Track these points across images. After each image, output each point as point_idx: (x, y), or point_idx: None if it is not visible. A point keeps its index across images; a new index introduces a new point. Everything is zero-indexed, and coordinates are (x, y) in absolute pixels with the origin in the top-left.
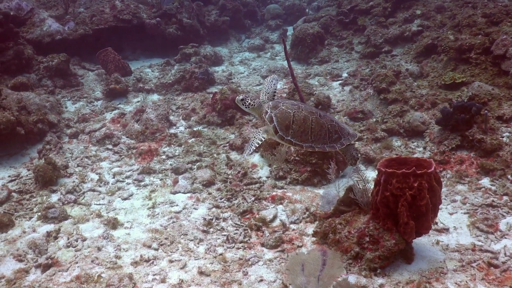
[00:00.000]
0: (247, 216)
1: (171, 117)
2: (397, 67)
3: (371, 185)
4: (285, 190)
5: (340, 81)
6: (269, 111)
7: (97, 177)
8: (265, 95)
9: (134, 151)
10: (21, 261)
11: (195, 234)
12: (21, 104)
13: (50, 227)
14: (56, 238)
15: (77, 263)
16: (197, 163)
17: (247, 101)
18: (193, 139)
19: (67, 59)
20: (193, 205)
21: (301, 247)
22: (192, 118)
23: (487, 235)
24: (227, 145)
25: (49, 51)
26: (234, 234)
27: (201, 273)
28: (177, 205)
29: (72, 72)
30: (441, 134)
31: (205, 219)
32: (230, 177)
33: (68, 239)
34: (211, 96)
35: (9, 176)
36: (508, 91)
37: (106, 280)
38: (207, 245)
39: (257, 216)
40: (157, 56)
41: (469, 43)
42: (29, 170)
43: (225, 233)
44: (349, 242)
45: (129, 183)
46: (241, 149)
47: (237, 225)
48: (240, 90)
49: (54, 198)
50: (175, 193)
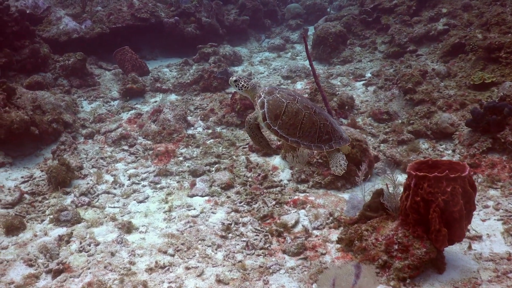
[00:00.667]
0: (268, 221)
1: (189, 118)
2: (423, 67)
3: (398, 189)
4: (307, 194)
5: (363, 82)
6: (262, 95)
7: (112, 179)
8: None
9: (150, 152)
10: (31, 266)
11: (213, 239)
12: (36, 103)
13: (62, 230)
14: (68, 242)
15: (89, 269)
16: (216, 165)
17: (241, 83)
18: (211, 140)
19: (84, 58)
20: (211, 209)
21: (324, 254)
22: (210, 118)
23: None
24: (247, 146)
25: (66, 50)
26: (254, 240)
27: (219, 281)
28: (194, 209)
29: (88, 71)
30: (471, 136)
31: (223, 224)
32: (249, 180)
33: (80, 243)
34: (230, 96)
35: (22, 177)
36: None
37: (119, 287)
38: (225, 251)
39: (278, 221)
40: (175, 55)
41: (498, 41)
42: (42, 171)
43: (244, 239)
44: (376, 250)
45: (145, 186)
46: (261, 151)
47: (257, 231)
48: None
49: (67, 200)
50: (192, 196)
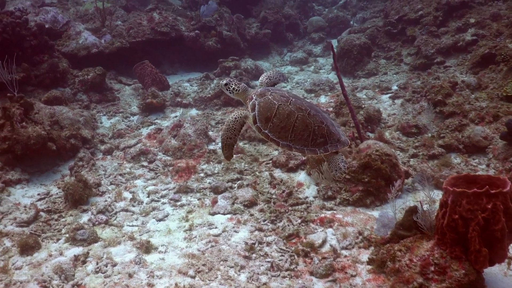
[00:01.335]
0: (294, 240)
1: (210, 133)
2: (452, 78)
3: (433, 206)
4: (334, 211)
5: (390, 94)
6: (254, 97)
7: (130, 196)
8: (266, 78)
9: (170, 168)
10: (45, 287)
11: (236, 260)
12: (54, 118)
13: (78, 250)
14: (84, 262)
15: None
16: (238, 182)
17: (231, 86)
18: (234, 156)
19: (103, 73)
20: (233, 227)
21: (355, 276)
22: None
23: None
24: (270, 162)
25: (85, 64)
26: (279, 260)
27: None
28: (216, 228)
29: (108, 86)
30: (507, 149)
31: (246, 244)
32: (274, 197)
33: (97, 264)
34: None
35: (39, 194)
36: None
37: None
38: (249, 272)
39: (304, 240)
40: (195, 70)
41: None
42: (59, 188)
43: (269, 260)
44: (410, 271)
45: (165, 203)
46: (285, 167)
47: (282, 251)
48: None
49: (84, 218)
50: (214, 214)
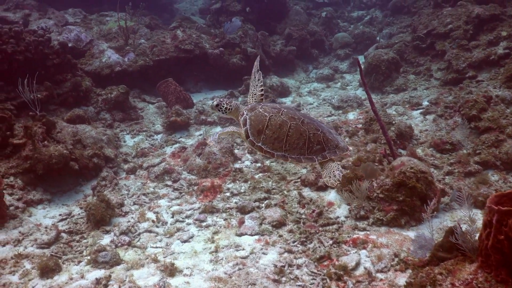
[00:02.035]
0: (325, 262)
1: (236, 151)
2: (486, 93)
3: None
4: (368, 232)
5: (420, 110)
6: (245, 113)
7: (154, 217)
8: (252, 97)
9: (195, 187)
10: None
11: (265, 283)
12: (76, 137)
13: (100, 273)
14: (106, 286)
15: None
16: (266, 201)
17: (223, 106)
18: (260, 175)
19: (127, 92)
20: (261, 249)
21: None
22: (258, 151)
23: None
24: (299, 180)
25: (108, 83)
26: (310, 284)
27: None
28: (243, 249)
29: (131, 105)
30: None
31: (276, 266)
32: (303, 217)
33: (119, 287)
34: None
35: (60, 214)
36: None
37: None
38: None
39: (336, 263)
40: (220, 87)
41: None
42: (81, 208)
43: (300, 283)
44: None
45: (190, 224)
46: (314, 185)
47: (313, 274)
48: None
49: (106, 239)
50: (241, 235)
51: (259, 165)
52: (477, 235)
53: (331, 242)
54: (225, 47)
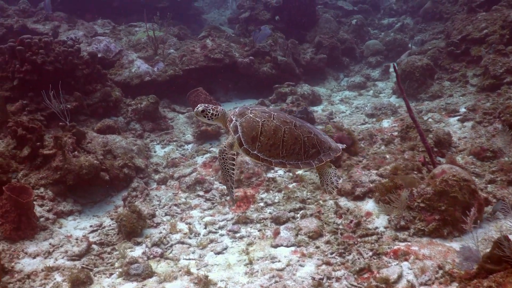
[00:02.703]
0: (365, 275)
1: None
2: None
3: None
4: (409, 243)
5: (458, 117)
6: (234, 119)
7: (186, 228)
8: None
9: (228, 198)
10: None
11: None
12: (107, 148)
13: (132, 286)
14: None
15: None
16: (301, 211)
17: (209, 111)
18: (294, 184)
19: (156, 101)
20: (298, 261)
21: None
22: None
23: None
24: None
25: (138, 93)
26: None
27: None
28: (279, 261)
29: (161, 115)
30: None
31: (314, 279)
32: (340, 227)
33: None
34: None
35: (91, 226)
36: None
37: None
38: None
39: (377, 275)
40: (250, 96)
41: None
42: (112, 219)
43: None
44: None
45: (223, 235)
46: (351, 195)
47: (353, 287)
48: (345, 128)
49: (138, 251)
50: (276, 246)
51: (292, 174)
52: None
53: (370, 253)
54: (255, 56)
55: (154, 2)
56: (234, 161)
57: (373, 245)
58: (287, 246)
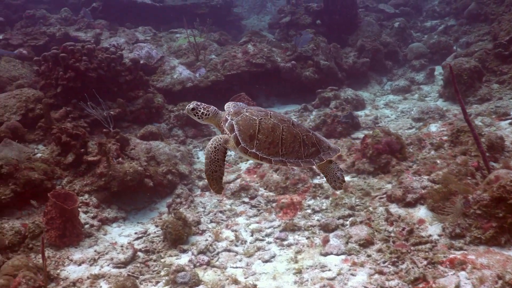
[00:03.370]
0: (421, 285)
1: (314, 166)
2: None
3: None
4: (465, 251)
5: (509, 120)
6: (229, 118)
7: (233, 235)
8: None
9: (273, 204)
10: None
11: None
12: (150, 154)
13: None
14: None
15: None
16: (350, 218)
17: (200, 110)
18: (341, 190)
19: None
20: (349, 270)
21: None
22: None
23: None
24: (384, 196)
25: (180, 99)
26: None
27: None
28: (329, 270)
29: None
30: None
31: None
32: (392, 235)
33: None
34: (359, 141)
35: (136, 233)
36: None
37: None
38: None
39: (433, 285)
40: (292, 101)
41: None
42: (157, 226)
43: None
44: None
45: (270, 242)
46: (402, 201)
47: None
48: (393, 132)
49: (184, 259)
50: (326, 254)
51: None
52: None
53: (425, 262)
54: (297, 60)
55: (194, 8)
56: (225, 154)
57: (427, 254)
58: (337, 254)
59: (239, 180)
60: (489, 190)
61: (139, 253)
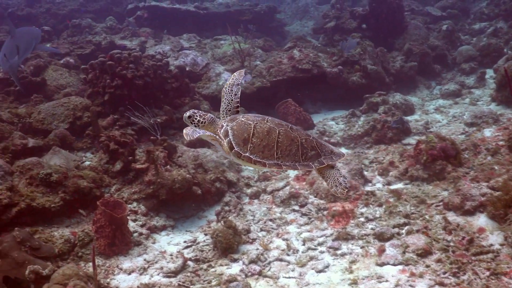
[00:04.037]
0: None
1: (365, 173)
2: None
3: None
4: None
5: None
6: (225, 124)
7: (284, 244)
8: (226, 113)
9: (325, 212)
10: None
11: None
12: (198, 161)
13: None
14: None
15: None
16: (406, 227)
17: (196, 118)
18: (395, 198)
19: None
20: (408, 281)
21: None
22: (390, 173)
23: None
24: (441, 204)
25: None
26: None
27: None
28: (387, 281)
29: None
30: None
31: None
32: (451, 244)
33: None
34: (410, 147)
35: (185, 241)
36: None
37: None
38: None
39: None
40: (338, 107)
41: None
42: (206, 234)
43: None
44: None
45: (323, 252)
46: (460, 209)
47: None
48: (448, 137)
49: (235, 268)
50: (382, 264)
51: (393, 187)
52: None
53: (487, 273)
54: (344, 65)
55: (237, 15)
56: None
57: (489, 264)
58: (394, 264)
59: (288, 187)
60: None
61: (189, 262)
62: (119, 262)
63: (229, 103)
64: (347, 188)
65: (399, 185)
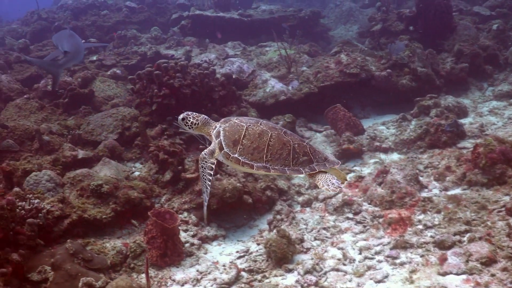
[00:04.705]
0: None
1: (421, 178)
2: None
3: None
4: None
5: None
6: (218, 125)
7: (339, 253)
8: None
9: (380, 220)
10: None
11: None
12: None
13: None
14: None
15: None
16: (467, 234)
17: (189, 119)
18: (454, 204)
19: (293, 121)
20: None
21: None
22: (447, 178)
23: None
24: (503, 209)
25: (273, 112)
26: None
27: None
28: None
29: (298, 134)
30: None
31: None
32: None
33: None
34: (466, 151)
35: (237, 251)
36: None
37: None
38: None
39: None
40: (388, 111)
41: None
42: (258, 244)
43: None
44: None
45: (381, 261)
46: None
47: None
48: (508, 140)
49: (290, 279)
50: (444, 274)
51: (450, 193)
52: None
53: None
54: (392, 69)
55: (281, 20)
56: (212, 171)
57: None
58: (458, 274)
59: (340, 195)
60: None
61: (243, 273)
62: (172, 273)
63: None
64: (340, 187)
65: (457, 191)
